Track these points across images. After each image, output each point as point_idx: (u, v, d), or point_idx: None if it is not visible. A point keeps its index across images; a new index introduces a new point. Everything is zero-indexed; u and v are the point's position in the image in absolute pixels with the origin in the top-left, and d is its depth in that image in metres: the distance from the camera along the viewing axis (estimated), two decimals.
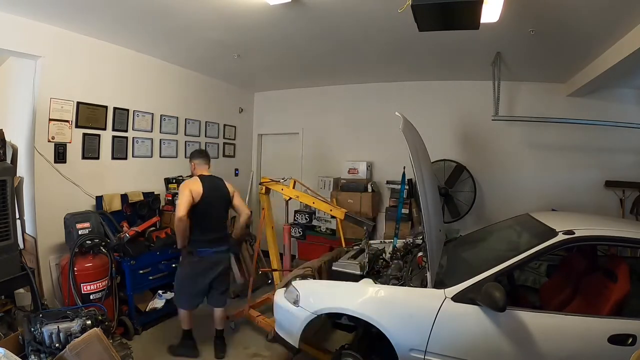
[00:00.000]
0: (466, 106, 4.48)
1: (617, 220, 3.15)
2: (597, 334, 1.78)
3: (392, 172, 4.53)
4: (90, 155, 3.43)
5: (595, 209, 3.88)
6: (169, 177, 4.19)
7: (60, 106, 3.16)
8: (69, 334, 2.08)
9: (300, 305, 2.32)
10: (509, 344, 1.86)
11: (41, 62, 3.03)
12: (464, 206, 4.28)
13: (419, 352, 1.98)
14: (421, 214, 2.22)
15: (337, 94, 5.19)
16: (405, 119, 2.34)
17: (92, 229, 3.00)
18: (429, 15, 2.00)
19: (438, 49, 3.43)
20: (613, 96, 4.00)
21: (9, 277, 2.41)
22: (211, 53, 3.84)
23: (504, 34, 2.89)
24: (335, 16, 2.77)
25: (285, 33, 3.17)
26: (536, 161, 4.30)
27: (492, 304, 1.76)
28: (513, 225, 2.81)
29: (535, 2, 2.36)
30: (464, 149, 4.50)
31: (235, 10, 2.69)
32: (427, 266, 2.14)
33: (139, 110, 3.89)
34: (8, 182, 2.46)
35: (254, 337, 3.17)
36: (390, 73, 4.47)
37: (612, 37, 2.81)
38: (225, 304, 3.02)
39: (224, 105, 5.19)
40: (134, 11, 2.77)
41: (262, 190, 3.37)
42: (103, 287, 2.88)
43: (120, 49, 3.61)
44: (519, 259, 2.01)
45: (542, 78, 4.12)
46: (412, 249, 2.94)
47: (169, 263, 3.46)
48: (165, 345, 2.96)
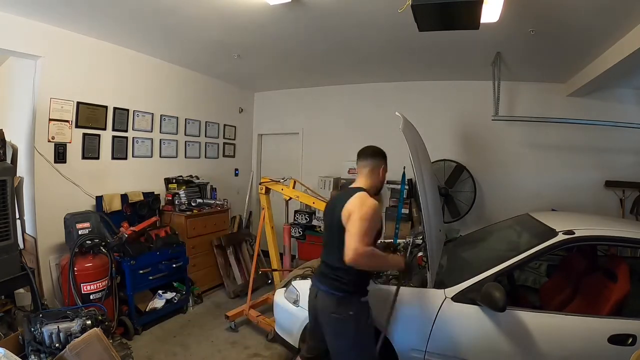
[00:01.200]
0: (466, 106, 4.48)
1: (617, 220, 3.14)
2: (597, 334, 1.78)
3: (392, 172, 4.50)
4: (90, 155, 3.43)
5: (595, 209, 3.87)
6: (169, 177, 4.20)
7: (60, 106, 3.16)
8: (69, 334, 2.09)
9: (300, 305, 2.32)
10: (509, 344, 1.86)
11: (41, 62, 3.03)
12: (464, 206, 4.28)
13: (419, 352, 1.98)
14: (421, 214, 2.22)
15: (337, 94, 5.19)
16: (405, 119, 2.34)
17: (92, 229, 3.00)
18: (429, 15, 2.00)
19: (438, 49, 3.43)
20: (613, 96, 4.00)
21: (9, 277, 2.41)
22: (211, 53, 3.84)
23: (504, 34, 2.89)
24: (335, 16, 2.77)
25: (285, 33, 3.17)
26: (536, 161, 4.30)
27: (492, 304, 1.76)
28: (513, 225, 2.81)
29: (535, 2, 2.36)
30: (464, 149, 4.50)
31: (235, 10, 2.69)
32: (427, 266, 2.14)
33: (139, 110, 3.89)
34: (8, 182, 2.46)
35: (254, 337, 3.17)
36: (391, 73, 4.46)
37: (612, 37, 2.81)
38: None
39: (224, 105, 5.19)
40: (134, 11, 2.77)
41: (262, 190, 3.37)
42: (103, 287, 2.88)
43: (120, 49, 3.61)
44: (519, 259, 2.01)
45: (542, 78, 4.12)
46: (412, 249, 2.94)
47: (169, 263, 3.46)
48: (165, 346, 2.95)
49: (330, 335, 1.81)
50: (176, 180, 4.18)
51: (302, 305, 2.30)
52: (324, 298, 1.80)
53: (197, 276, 3.95)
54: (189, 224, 3.88)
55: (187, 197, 4.07)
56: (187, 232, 3.85)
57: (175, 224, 3.87)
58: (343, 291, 1.75)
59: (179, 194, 4.04)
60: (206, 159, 4.90)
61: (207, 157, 4.91)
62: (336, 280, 1.77)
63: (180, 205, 4.00)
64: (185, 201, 4.03)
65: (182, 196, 4.04)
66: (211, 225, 4.19)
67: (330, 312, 1.76)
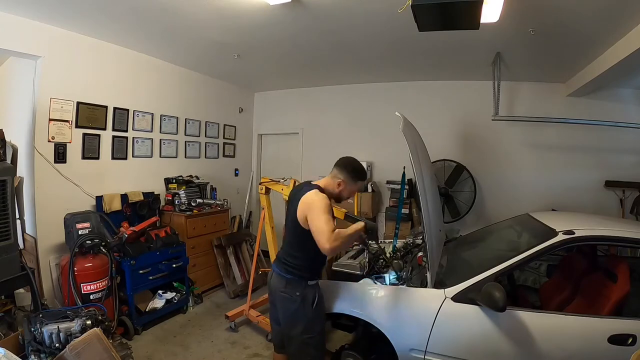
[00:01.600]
0: (466, 106, 4.48)
1: (617, 220, 3.14)
2: (597, 334, 1.77)
3: (392, 172, 4.53)
4: (90, 155, 3.43)
5: (595, 209, 3.87)
6: (169, 177, 4.20)
7: (60, 106, 3.16)
8: (69, 334, 2.08)
9: None
10: (509, 344, 1.86)
11: (41, 62, 3.03)
12: (464, 206, 4.28)
13: (419, 352, 1.98)
14: (421, 214, 2.22)
15: (337, 94, 5.19)
16: (405, 119, 2.34)
17: (92, 229, 3.00)
18: (429, 15, 2.00)
19: (438, 49, 3.43)
20: (613, 96, 4.00)
21: (9, 277, 2.41)
22: (211, 53, 3.84)
23: (504, 34, 2.89)
24: (335, 16, 2.77)
25: (285, 33, 3.17)
26: (536, 161, 4.30)
27: (492, 304, 1.76)
28: (513, 225, 2.81)
29: (535, 2, 2.36)
30: (464, 149, 4.50)
31: (235, 10, 2.69)
32: (427, 266, 2.14)
33: (139, 110, 3.89)
34: (8, 182, 2.45)
35: (254, 337, 3.17)
36: (390, 73, 4.46)
37: (612, 37, 2.81)
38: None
39: (224, 105, 5.19)
40: (134, 11, 2.77)
41: (262, 190, 3.36)
42: (103, 287, 2.88)
43: (120, 49, 3.61)
44: (519, 259, 2.01)
45: (542, 78, 4.12)
46: (412, 249, 2.94)
47: (169, 263, 3.46)
48: (165, 346, 2.96)
49: (280, 314, 2.01)
50: (176, 180, 4.18)
51: None
52: (276, 279, 2.02)
53: (197, 276, 3.95)
54: (189, 224, 3.88)
55: (187, 197, 4.07)
56: (187, 232, 3.85)
57: (175, 224, 3.87)
58: (291, 274, 1.95)
59: (179, 194, 4.04)
60: (206, 159, 4.90)
61: (207, 157, 4.91)
62: (286, 264, 1.98)
63: (180, 205, 4.00)
64: (185, 201, 4.03)
65: (182, 196, 4.04)
66: (211, 225, 4.19)
67: (280, 290, 1.97)
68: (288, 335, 1.98)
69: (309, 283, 1.97)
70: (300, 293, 1.93)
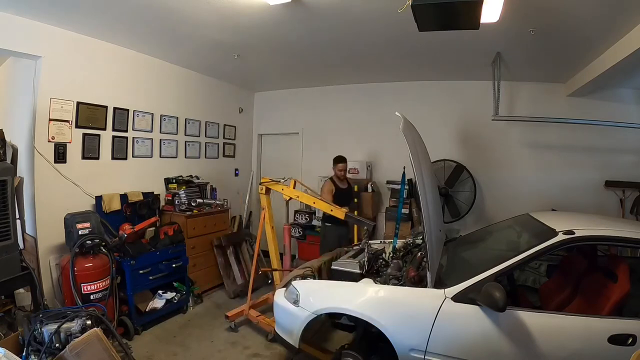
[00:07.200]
0: (466, 106, 4.48)
1: (617, 220, 3.14)
2: (597, 334, 1.77)
3: (392, 172, 4.53)
4: (90, 155, 3.43)
5: (595, 209, 3.87)
6: (169, 177, 4.20)
7: (60, 106, 3.16)
8: (69, 334, 2.08)
9: (300, 305, 2.32)
10: (509, 344, 1.86)
11: (41, 62, 3.03)
12: (464, 206, 4.28)
13: (419, 352, 1.98)
14: (421, 214, 2.22)
15: (337, 94, 5.19)
16: (405, 119, 2.34)
17: (92, 229, 3.00)
18: (429, 15, 2.00)
19: (438, 49, 3.43)
20: (613, 96, 4.00)
21: (9, 277, 2.41)
22: (211, 53, 3.84)
23: (504, 34, 2.89)
24: (335, 16, 2.77)
25: (285, 33, 3.17)
26: (536, 161, 4.30)
27: (492, 304, 1.76)
28: (513, 225, 2.80)
29: (535, 2, 2.36)
30: (464, 149, 4.50)
31: (235, 10, 2.69)
32: (427, 266, 2.14)
33: (139, 110, 3.89)
34: (8, 182, 2.46)
35: (254, 337, 3.17)
36: (391, 73, 4.47)
37: (612, 37, 2.81)
38: None
39: (224, 105, 5.19)
40: (134, 11, 2.77)
41: (262, 190, 3.37)
42: (103, 288, 2.87)
43: (120, 49, 3.61)
44: (519, 259, 2.01)
45: (542, 78, 4.12)
46: (412, 249, 2.94)
47: (169, 263, 3.46)
48: (165, 345, 2.96)
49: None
50: (176, 180, 4.18)
51: (302, 305, 2.30)
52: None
53: (197, 276, 3.95)
54: (189, 224, 3.88)
55: (187, 197, 4.07)
56: (187, 232, 3.85)
57: None
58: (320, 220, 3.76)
59: (179, 194, 4.04)
60: (206, 159, 4.91)
61: (207, 157, 4.91)
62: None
63: (180, 205, 4.00)
64: (185, 201, 4.03)
65: (182, 196, 4.04)
66: (211, 225, 4.19)
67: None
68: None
69: (326, 224, 3.96)
70: (322, 228, 4.08)
